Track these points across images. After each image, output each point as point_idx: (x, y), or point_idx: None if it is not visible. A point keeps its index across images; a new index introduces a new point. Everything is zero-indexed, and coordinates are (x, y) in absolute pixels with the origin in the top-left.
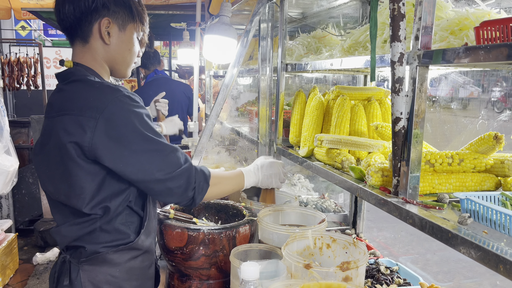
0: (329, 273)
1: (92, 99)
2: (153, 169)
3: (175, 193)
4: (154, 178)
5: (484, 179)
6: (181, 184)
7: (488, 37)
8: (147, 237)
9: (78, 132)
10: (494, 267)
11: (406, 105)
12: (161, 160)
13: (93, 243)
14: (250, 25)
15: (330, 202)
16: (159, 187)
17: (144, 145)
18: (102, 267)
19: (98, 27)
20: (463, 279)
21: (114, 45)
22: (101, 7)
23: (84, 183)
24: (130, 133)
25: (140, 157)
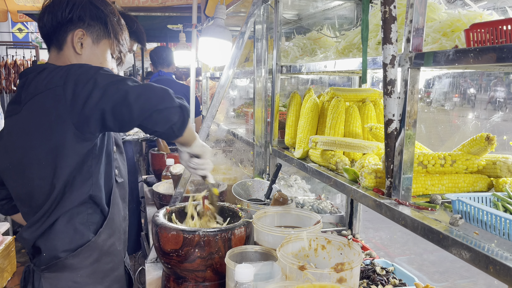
0: (323, 275)
1: (55, 73)
2: (121, 85)
3: (155, 97)
4: (123, 90)
5: (476, 180)
6: (159, 89)
7: (478, 39)
8: (110, 237)
9: (52, 105)
10: (484, 268)
11: (398, 107)
12: (126, 79)
13: (52, 246)
14: (245, 27)
15: (327, 203)
16: (133, 95)
17: (106, 77)
18: (63, 273)
19: (71, 37)
20: (459, 279)
21: (86, 56)
22: (76, 19)
23: (53, 170)
24: (91, 76)
25: (106, 85)
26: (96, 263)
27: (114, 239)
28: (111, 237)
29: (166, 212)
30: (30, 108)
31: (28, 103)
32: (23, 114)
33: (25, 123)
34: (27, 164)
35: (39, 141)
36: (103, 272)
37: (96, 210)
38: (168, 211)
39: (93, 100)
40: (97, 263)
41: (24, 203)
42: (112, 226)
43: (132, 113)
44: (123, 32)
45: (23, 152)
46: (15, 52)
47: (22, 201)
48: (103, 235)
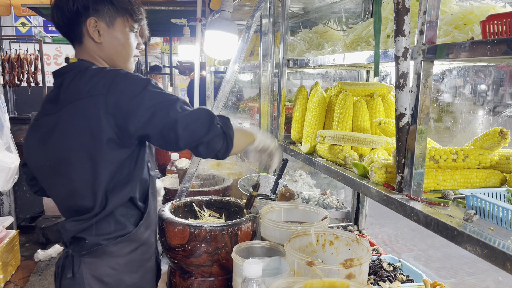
0: (332, 271)
1: (98, 79)
2: (170, 112)
3: (201, 129)
4: (172, 119)
5: (489, 175)
6: (205, 118)
7: (494, 31)
8: (146, 229)
9: (93, 112)
10: (501, 265)
11: (411, 101)
12: (174, 105)
13: (94, 235)
14: (251, 20)
15: (332, 198)
16: (180, 128)
17: (153, 98)
18: (102, 260)
19: (86, 28)
20: (466, 276)
21: (106, 42)
22: (82, 9)
23: (94, 175)
24: (138, 93)
25: (153, 109)
26: (133, 253)
27: (149, 231)
28: (147, 229)
29: (172, 207)
30: (71, 112)
31: (69, 106)
32: (63, 116)
33: (66, 126)
34: (68, 166)
35: (79, 146)
36: (138, 261)
37: (135, 206)
38: (174, 205)
39: (138, 120)
40: (134, 253)
41: (63, 202)
42: (148, 219)
43: (178, 142)
44: (133, 4)
45: (64, 153)
46: (19, 46)
47: (61, 200)
48: (141, 228)
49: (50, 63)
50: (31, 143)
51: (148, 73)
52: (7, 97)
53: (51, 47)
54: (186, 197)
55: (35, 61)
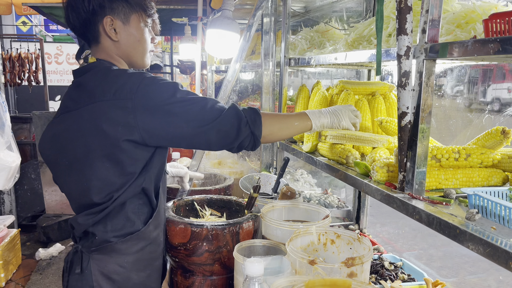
0: (334, 269)
1: (123, 82)
2: (199, 120)
3: (231, 133)
4: (203, 129)
5: (491, 174)
6: (233, 122)
7: (497, 30)
8: (156, 228)
9: (118, 115)
10: (504, 263)
11: (413, 100)
12: (204, 111)
13: (105, 230)
14: (252, 19)
15: (333, 197)
16: (213, 134)
17: (182, 105)
18: (111, 257)
19: (103, 27)
20: (467, 275)
21: (123, 40)
22: (98, 8)
23: (112, 173)
24: (167, 99)
25: (184, 116)
26: (141, 251)
27: (158, 230)
28: (156, 228)
29: (173, 206)
30: (94, 112)
31: (91, 106)
32: (83, 114)
33: (86, 125)
34: (85, 163)
35: (99, 145)
36: (146, 260)
37: (146, 202)
38: (176, 204)
39: (168, 127)
40: (142, 252)
41: (76, 198)
42: (158, 218)
43: (210, 147)
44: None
45: (82, 152)
46: (20, 45)
47: (75, 196)
48: (151, 226)
49: (51, 62)
50: (47, 138)
51: (150, 71)
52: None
53: (52, 46)
54: (188, 196)
55: (36, 60)
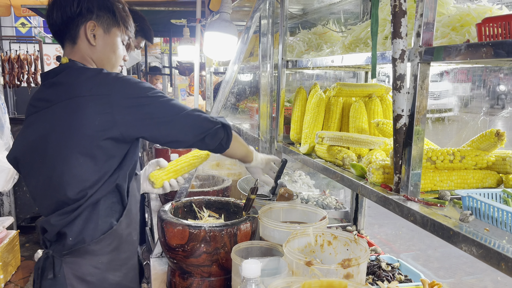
0: (330, 271)
1: (100, 79)
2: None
3: (206, 120)
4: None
5: (485, 176)
6: (206, 115)
7: (490, 34)
8: (128, 226)
9: (95, 111)
10: (496, 264)
11: (408, 102)
12: (178, 103)
13: (78, 231)
14: (250, 21)
15: (331, 198)
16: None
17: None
18: (84, 259)
19: (84, 30)
20: (465, 275)
21: (100, 46)
22: (86, 11)
23: (86, 169)
24: (143, 94)
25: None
26: (115, 251)
27: (131, 229)
28: (128, 227)
29: (171, 207)
30: (69, 107)
31: (64, 102)
32: (56, 111)
33: (59, 120)
34: (58, 159)
35: (74, 141)
36: (121, 260)
37: (119, 200)
38: (174, 206)
39: (143, 124)
40: (116, 251)
41: (48, 197)
42: (129, 216)
43: (185, 135)
44: (129, 19)
45: (55, 147)
46: (19, 46)
47: (44, 194)
48: (123, 224)
49: (50, 63)
50: (17, 143)
51: (148, 73)
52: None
53: (51, 48)
54: (186, 198)
55: (35, 62)
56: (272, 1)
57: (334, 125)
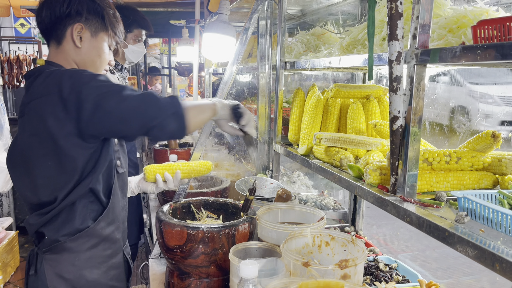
0: (327, 271)
1: (49, 79)
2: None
3: (149, 104)
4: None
5: (481, 177)
6: (160, 96)
7: (485, 36)
8: (108, 225)
9: (55, 110)
10: (490, 265)
11: (404, 104)
12: (135, 92)
13: (54, 230)
14: (249, 22)
15: (330, 199)
16: (142, 105)
17: (116, 92)
18: (62, 256)
19: (71, 31)
20: (462, 276)
21: (85, 49)
22: (75, 13)
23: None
24: (85, 86)
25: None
26: (93, 249)
27: (113, 228)
28: (110, 225)
29: (170, 208)
30: (30, 112)
31: (27, 107)
32: (25, 117)
33: (27, 126)
34: (31, 163)
35: (39, 145)
36: (100, 257)
37: (95, 200)
38: (172, 207)
39: (87, 113)
40: (95, 249)
41: (28, 198)
42: (111, 216)
43: (131, 131)
44: (119, 25)
45: (26, 152)
46: (18, 47)
47: (27, 197)
48: (102, 223)
49: None
50: (11, 143)
51: (147, 74)
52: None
53: None
54: (184, 199)
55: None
56: (270, 3)
57: (332, 126)
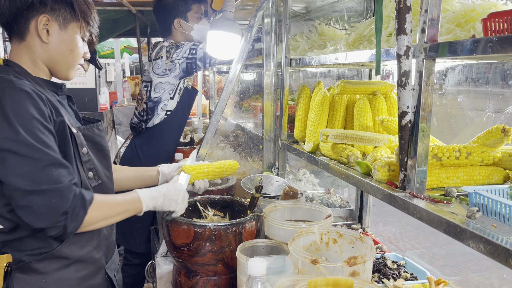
0: (336, 268)
1: None
2: (17, 175)
3: (40, 213)
4: (16, 185)
5: (492, 172)
6: (51, 204)
7: (495, 29)
8: (82, 247)
9: None
10: (504, 261)
11: (413, 99)
12: (32, 169)
13: (17, 250)
14: (253, 20)
15: (336, 197)
16: (21, 200)
17: (17, 147)
18: (30, 276)
19: (35, 24)
20: (470, 273)
21: (54, 44)
22: (38, 3)
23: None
24: (7, 131)
25: (8, 158)
26: (63, 270)
27: (90, 247)
28: (84, 246)
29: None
30: None
31: None
32: None
33: None
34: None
35: None
36: (72, 280)
37: None
38: None
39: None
40: (65, 270)
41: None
42: (84, 235)
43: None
44: (91, 12)
45: None
46: None
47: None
48: (71, 245)
49: None
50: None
51: None
52: None
53: None
54: (190, 197)
55: None
56: (275, 0)
57: (338, 123)
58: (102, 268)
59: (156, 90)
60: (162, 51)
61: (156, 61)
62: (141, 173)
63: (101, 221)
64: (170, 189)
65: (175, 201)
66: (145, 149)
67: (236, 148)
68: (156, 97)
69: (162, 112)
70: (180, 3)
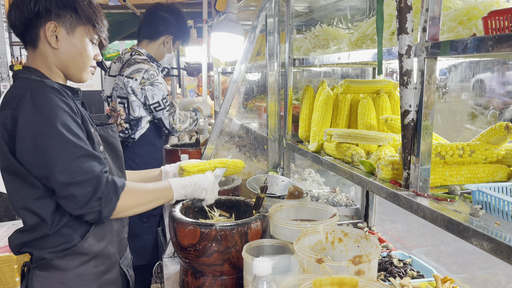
0: (341, 267)
1: (14, 91)
2: (55, 169)
3: (79, 201)
4: (55, 179)
5: (496, 170)
6: (86, 192)
7: (496, 27)
8: (99, 241)
9: (4, 125)
10: (507, 258)
11: (415, 98)
12: (65, 162)
13: (39, 248)
14: (256, 20)
15: (342, 196)
16: (61, 191)
17: (52, 141)
18: (50, 273)
19: (44, 32)
20: (478, 270)
21: (64, 48)
22: (44, 11)
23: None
24: (42, 125)
25: (45, 153)
26: (83, 266)
27: (105, 243)
28: (101, 241)
29: (182, 207)
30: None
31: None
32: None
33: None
34: (5, 182)
35: (1, 159)
36: (91, 275)
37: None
38: (184, 206)
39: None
40: (85, 266)
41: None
42: (101, 230)
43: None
44: (97, 15)
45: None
46: None
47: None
48: (90, 239)
49: None
50: None
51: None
52: None
53: None
54: None
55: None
56: (278, 0)
57: (342, 122)
58: (117, 263)
59: (135, 109)
60: (139, 74)
61: (128, 79)
62: (145, 175)
63: (134, 207)
64: (200, 178)
65: (205, 189)
66: (138, 161)
67: (241, 148)
68: (137, 116)
69: (147, 124)
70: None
